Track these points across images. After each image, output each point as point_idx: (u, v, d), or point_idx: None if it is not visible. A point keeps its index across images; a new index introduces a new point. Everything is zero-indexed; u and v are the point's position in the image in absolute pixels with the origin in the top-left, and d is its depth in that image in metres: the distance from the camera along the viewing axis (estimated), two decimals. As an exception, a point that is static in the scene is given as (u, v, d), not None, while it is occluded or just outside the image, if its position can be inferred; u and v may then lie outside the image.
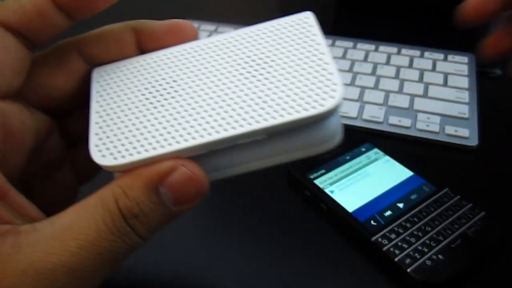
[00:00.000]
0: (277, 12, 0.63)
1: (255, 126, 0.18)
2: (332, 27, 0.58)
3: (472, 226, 0.29)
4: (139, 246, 0.18)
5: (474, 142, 0.38)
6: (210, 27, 0.54)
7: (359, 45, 0.49)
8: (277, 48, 0.20)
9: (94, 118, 0.20)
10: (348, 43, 0.50)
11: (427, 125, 0.39)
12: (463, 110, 0.41)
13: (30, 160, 0.21)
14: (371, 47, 0.49)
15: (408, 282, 0.27)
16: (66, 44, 0.22)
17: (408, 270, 0.27)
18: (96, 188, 0.18)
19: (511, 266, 0.29)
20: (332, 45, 0.50)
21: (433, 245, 0.28)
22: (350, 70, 0.46)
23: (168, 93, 0.20)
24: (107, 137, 0.19)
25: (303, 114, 0.18)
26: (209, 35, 0.52)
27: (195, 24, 0.55)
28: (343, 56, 0.48)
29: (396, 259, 0.28)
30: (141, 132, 0.19)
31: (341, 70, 0.46)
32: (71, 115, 0.23)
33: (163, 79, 0.20)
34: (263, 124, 0.18)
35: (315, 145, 0.20)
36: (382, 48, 0.49)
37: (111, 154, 0.18)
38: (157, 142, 0.18)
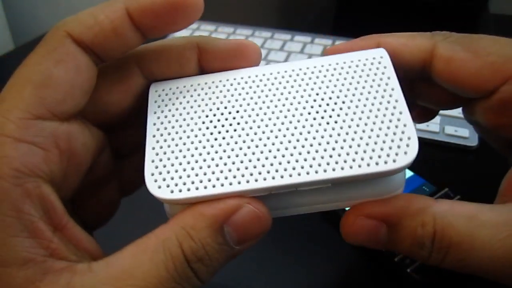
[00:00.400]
0: (277, 12, 0.63)
1: (322, 176, 0.17)
2: (332, 27, 0.58)
3: (472, 226, 0.29)
4: None
5: (474, 142, 0.38)
6: (210, 27, 0.54)
7: (359, 45, 0.49)
8: (348, 89, 0.19)
9: (150, 142, 0.19)
10: (348, 43, 0.50)
11: (427, 125, 0.39)
12: (463, 110, 0.41)
13: (83, 179, 0.20)
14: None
15: (408, 282, 0.27)
16: (127, 58, 0.20)
17: (408, 270, 0.27)
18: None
19: (511, 266, 0.29)
20: (332, 45, 0.50)
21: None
22: (350, 70, 0.46)
23: (230, 124, 0.19)
24: (164, 166, 0.18)
25: (374, 169, 0.17)
26: (209, 36, 0.52)
27: (195, 24, 0.55)
28: (343, 56, 0.48)
29: (396, 259, 0.27)
30: (200, 166, 0.18)
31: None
32: (120, 128, 0.22)
33: (225, 107, 0.19)
34: (330, 174, 0.17)
35: (379, 196, 0.19)
36: (382, 48, 0.49)
37: (168, 186, 0.17)
38: (217, 179, 0.17)
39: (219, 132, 0.18)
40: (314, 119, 0.18)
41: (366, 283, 0.28)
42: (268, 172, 0.17)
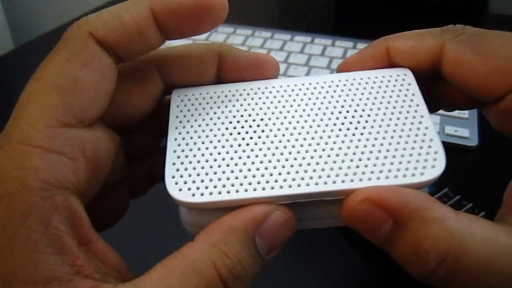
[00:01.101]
0: (277, 12, 0.63)
1: (348, 186, 0.17)
2: (332, 27, 0.58)
3: (472, 226, 0.29)
4: None
5: (474, 142, 0.38)
6: (210, 27, 0.54)
7: (359, 45, 0.49)
8: (374, 103, 0.19)
9: (171, 145, 0.18)
10: (348, 43, 0.50)
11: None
12: (463, 110, 0.41)
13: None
14: (371, 47, 0.49)
15: (409, 281, 0.27)
16: (146, 60, 0.20)
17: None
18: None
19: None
20: (332, 45, 0.50)
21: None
22: (350, 70, 0.46)
23: (254, 131, 0.18)
24: (185, 169, 0.17)
25: (402, 181, 0.17)
26: (209, 36, 0.52)
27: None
28: (343, 56, 0.48)
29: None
30: (223, 170, 0.17)
31: (341, 70, 0.46)
32: (134, 132, 0.22)
33: (250, 115, 0.19)
34: (358, 184, 0.17)
35: None
36: (382, 48, 0.49)
37: (189, 189, 0.17)
38: (241, 184, 0.17)
39: (243, 138, 0.18)
40: (340, 130, 0.18)
41: (366, 282, 0.28)
42: (294, 179, 0.17)
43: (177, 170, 0.17)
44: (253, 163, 0.17)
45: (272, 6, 0.64)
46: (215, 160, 0.18)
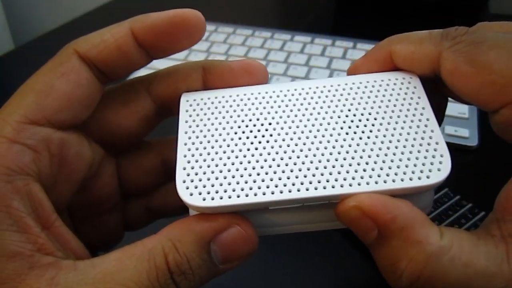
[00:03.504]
0: (277, 12, 0.63)
1: (356, 189, 0.17)
2: (332, 27, 0.58)
3: (472, 226, 0.29)
4: None
5: (474, 142, 0.38)
6: (210, 27, 0.54)
7: (359, 45, 0.49)
8: (380, 106, 0.19)
9: (181, 150, 0.19)
10: (348, 43, 0.50)
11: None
12: (463, 110, 0.41)
13: (78, 192, 0.21)
14: (371, 47, 0.49)
15: None
16: (136, 81, 0.22)
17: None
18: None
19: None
20: (332, 45, 0.50)
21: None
22: (350, 70, 0.46)
23: (263, 135, 0.19)
24: (196, 173, 0.18)
25: (408, 184, 0.17)
26: (209, 36, 0.52)
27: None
28: (343, 56, 0.48)
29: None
30: (232, 175, 0.18)
31: (341, 70, 0.46)
32: (131, 163, 0.23)
33: (258, 119, 0.19)
34: (365, 188, 0.17)
35: None
36: (382, 48, 0.49)
37: (200, 193, 0.17)
38: (250, 188, 0.17)
39: (252, 143, 0.19)
40: (347, 133, 0.18)
41: (366, 282, 0.28)
42: (302, 183, 0.17)
43: (188, 174, 0.18)
44: (262, 167, 0.18)
45: (272, 6, 0.64)
46: (224, 164, 0.18)
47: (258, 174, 0.18)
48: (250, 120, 0.19)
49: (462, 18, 0.57)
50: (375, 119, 0.19)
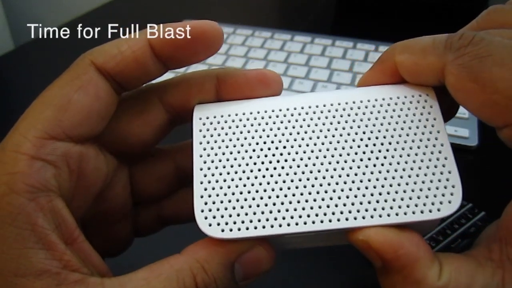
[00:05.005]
0: (277, 12, 0.63)
1: (369, 222, 0.17)
2: (332, 27, 0.58)
3: (472, 226, 0.29)
4: None
5: (474, 142, 0.38)
6: (210, 27, 0.54)
7: (359, 45, 0.49)
8: (395, 128, 0.19)
9: (197, 176, 0.19)
10: (348, 43, 0.50)
11: (427, 125, 0.39)
12: (463, 110, 0.40)
13: (92, 205, 0.21)
14: (371, 47, 0.49)
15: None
16: (149, 90, 0.21)
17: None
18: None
19: (511, 266, 0.29)
20: (332, 45, 0.50)
21: (433, 245, 0.28)
22: (350, 70, 0.46)
23: (278, 161, 0.19)
24: (213, 202, 0.18)
25: (419, 217, 0.17)
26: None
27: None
28: (343, 56, 0.48)
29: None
30: (249, 204, 0.18)
31: (340, 70, 0.46)
32: (144, 170, 0.23)
33: (272, 142, 0.19)
34: (377, 221, 0.17)
35: None
36: (382, 48, 0.49)
37: (218, 224, 0.18)
38: (267, 220, 0.18)
39: (267, 169, 0.18)
40: (361, 160, 0.18)
41: (367, 282, 0.28)
42: (317, 215, 0.17)
43: (206, 203, 0.18)
44: (277, 196, 0.18)
45: (272, 6, 0.64)
46: (241, 193, 0.18)
47: (274, 204, 0.18)
48: (265, 143, 0.19)
49: (461, 18, 0.57)
50: (390, 143, 0.18)
